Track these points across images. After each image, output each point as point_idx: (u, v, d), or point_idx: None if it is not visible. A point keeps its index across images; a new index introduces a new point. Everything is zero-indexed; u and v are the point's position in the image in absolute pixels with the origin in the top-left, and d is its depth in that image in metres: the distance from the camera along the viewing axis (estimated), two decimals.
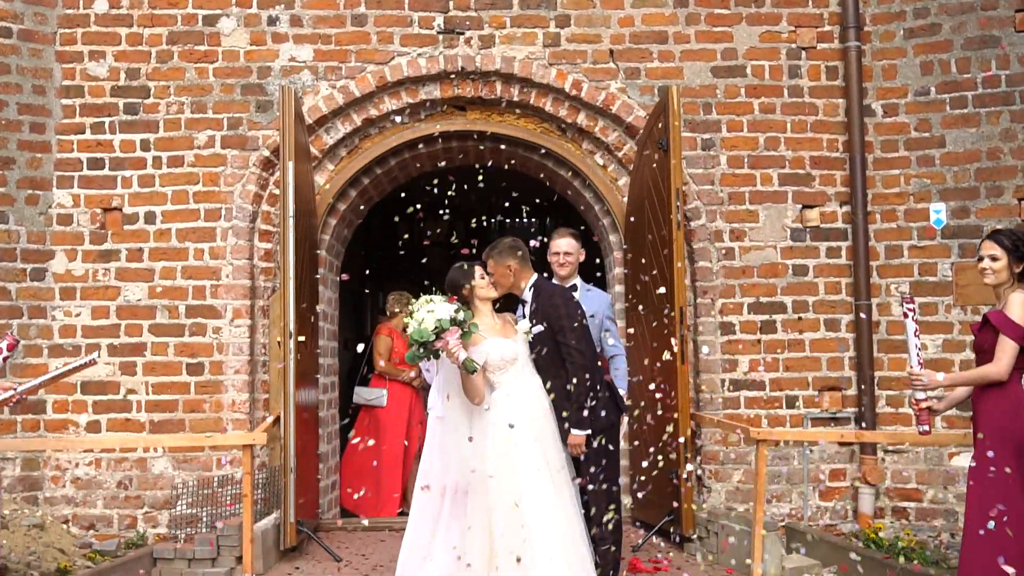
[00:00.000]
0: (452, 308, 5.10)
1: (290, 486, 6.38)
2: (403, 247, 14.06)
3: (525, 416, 5.22)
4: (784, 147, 7.56)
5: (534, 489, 5.05)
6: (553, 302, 5.52)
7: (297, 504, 6.57)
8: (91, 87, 7.44)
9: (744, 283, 7.49)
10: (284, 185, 6.52)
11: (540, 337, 5.44)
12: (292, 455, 6.39)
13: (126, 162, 7.42)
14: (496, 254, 5.61)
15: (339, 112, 7.54)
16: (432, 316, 5.04)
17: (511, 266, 5.59)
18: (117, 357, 7.32)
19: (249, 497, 5.68)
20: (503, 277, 5.56)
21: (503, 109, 7.75)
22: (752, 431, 5.84)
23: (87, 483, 7.27)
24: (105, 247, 7.38)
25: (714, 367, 7.43)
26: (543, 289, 5.63)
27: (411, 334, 5.07)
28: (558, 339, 5.39)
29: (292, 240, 6.50)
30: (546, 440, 5.24)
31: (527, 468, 5.08)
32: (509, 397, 5.28)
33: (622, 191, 7.70)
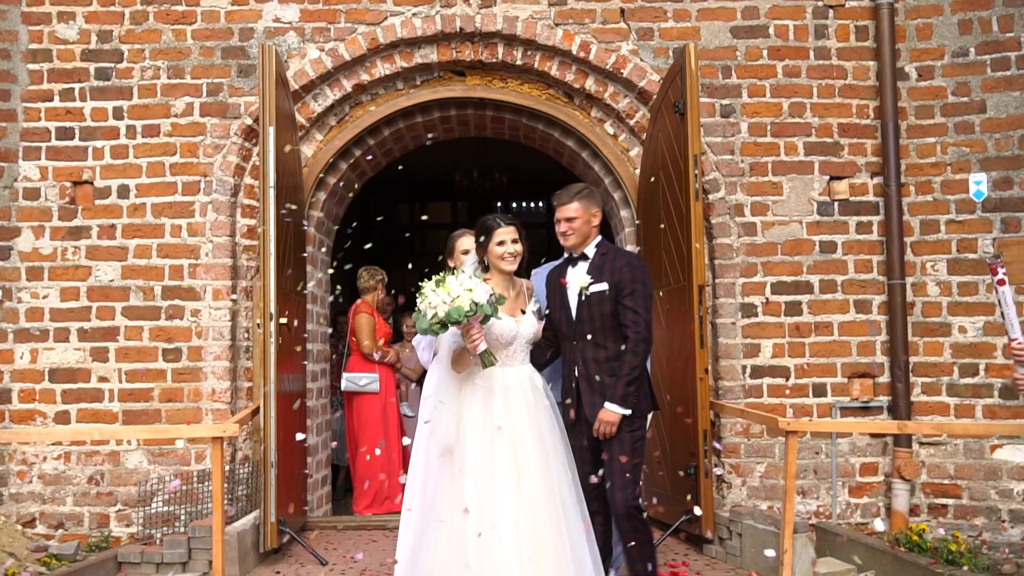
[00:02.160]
0: (488, 291, 4.60)
1: (270, 482, 5.82)
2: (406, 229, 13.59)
3: (509, 406, 4.75)
4: (810, 114, 6.96)
5: (505, 501, 4.58)
6: (630, 262, 5.03)
7: (281, 502, 6.01)
8: (60, 51, 6.88)
9: (767, 261, 6.89)
10: (264, 153, 5.94)
11: (599, 297, 4.94)
12: (273, 448, 5.83)
13: (97, 131, 6.85)
14: (580, 196, 5.10)
15: (328, 77, 6.96)
16: (469, 296, 4.51)
17: (597, 213, 5.12)
18: (88, 342, 6.76)
19: (219, 496, 5.11)
20: (584, 225, 5.08)
21: (505, 74, 7.16)
22: (781, 422, 5.23)
23: (56, 478, 6.72)
24: (75, 223, 6.82)
25: (734, 352, 6.84)
26: (611, 248, 5.14)
27: (437, 308, 4.57)
28: (624, 303, 4.91)
29: (273, 214, 5.92)
30: (528, 436, 4.73)
31: (503, 476, 4.61)
32: (491, 383, 4.80)
33: (634, 162, 7.11)
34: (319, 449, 7.37)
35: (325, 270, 7.66)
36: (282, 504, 6.05)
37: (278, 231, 5.97)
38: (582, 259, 5.16)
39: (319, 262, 7.46)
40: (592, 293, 4.99)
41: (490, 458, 4.63)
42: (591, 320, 4.98)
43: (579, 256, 5.16)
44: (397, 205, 13.08)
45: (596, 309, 4.99)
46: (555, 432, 4.79)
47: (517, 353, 4.92)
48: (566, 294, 5.12)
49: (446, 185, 11.53)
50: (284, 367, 6.26)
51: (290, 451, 6.29)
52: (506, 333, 4.87)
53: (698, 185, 6.04)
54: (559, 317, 5.12)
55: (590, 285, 5.00)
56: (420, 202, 13.60)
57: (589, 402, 4.97)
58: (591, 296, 5.00)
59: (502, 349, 4.90)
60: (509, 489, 4.56)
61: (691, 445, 6.06)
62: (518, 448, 4.66)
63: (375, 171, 7.92)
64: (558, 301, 5.15)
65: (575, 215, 5.10)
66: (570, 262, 5.21)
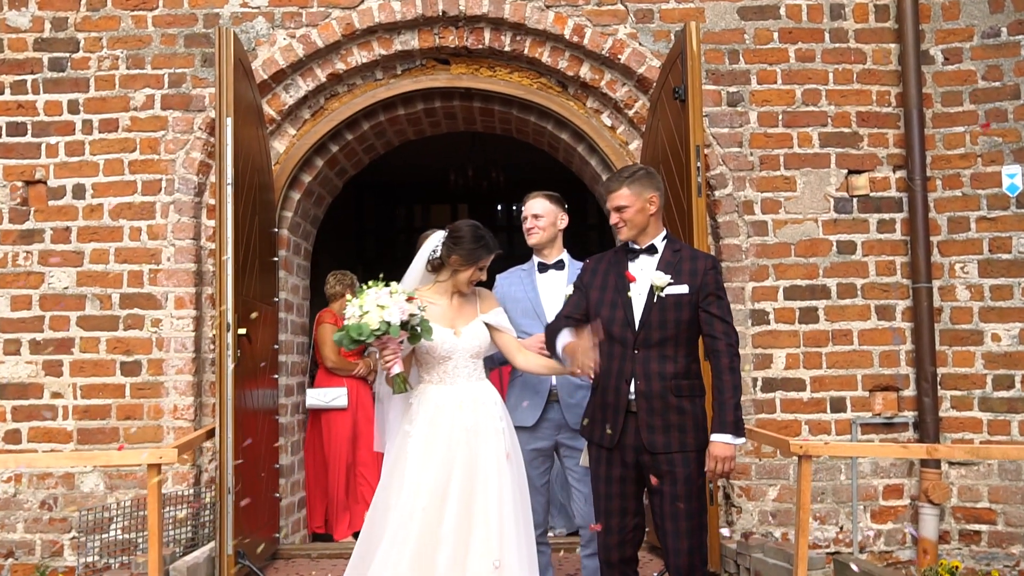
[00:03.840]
0: (408, 309, 4.09)
1: (225, 510, 5.25)
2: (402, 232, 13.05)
3: (436, 432, 4.27)
4: (826, 101, 6.36)
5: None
6: (714, 264, 4.29)
7: (244, 529, 5.47)
8: (11, 40, 6.36)
9: (779, 263, 6.29)
10: (220, 147, 5.39)
11: (677, 301, 4.18)
12: (230, 473, 5.27)
13: (51, 127, 6.33)
14: (632, 180, 4.30)
15: (299, 66, 6.41)
16: (379, 313, 4.00)
17: (653, 199, 4.31)
18: (40, 355, 6.23)
19: (156, 532, 4.54)
20: (639, 214, 4.28)
21: (493, 62, 6.60)
22: (793, 444, 4.61)
23: (5, 503, 6.19)
24: (27, 226, 6.30)
25: (744, 364, 6.23)
26: (684, 245, 4.40)
27: (348, 324, 4.11)
28: (711, 310, 4.17)
29: (231, 214, 5.37)
30: (459, 467, 4.24)
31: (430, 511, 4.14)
32: (426, 405, 4.33)
33: (634, 156, 6.53)
34: (294, 470, 6.82)
35: (303, 276, 7.12)
36: (246, 531, 5.51)
37: (237, 234, 5.43)
38: (646, 253, 4.33)
39: (295, 267, 6.92)
40: (669, 295, 4.20)
41: (417, 491, 4.17)
42: (663, 327, 4.18)
43: (642, 249, 4.34)
44: (394, 208, 12.55)
45: (672, 315, 4.18)
46: (500, 463, 4.25)
47: (458, 370, 4.39)
48: (626, 290, 4.28)
49: (443, 186, 10.97)
50: (250, 382, 5.73)
51: (254, 473, 5.75)
52: (438, 348, 4.33)
53: (701, 179, 5.45)
54: (609, 316, 4.26)
55: (668, 285, 4.21)
56: (418, 204, 13.05)
57: (648, 426, 4.14)
58: (667, 299, 4.20)
59: (437, 366, 4.38)
60: (430, 531, 4.08)
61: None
62: (450, 480, 4.17)
63: (357, 169, 7.38)
64: (609, 296, 4.31)
65: (626, 203, 4.28)
66: (626, 255, 4.39)
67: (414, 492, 4.17)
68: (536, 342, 4.61)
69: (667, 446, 4.13)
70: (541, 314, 4.80)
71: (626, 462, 4.22)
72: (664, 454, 4.13)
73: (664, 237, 4.39)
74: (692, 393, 4.21)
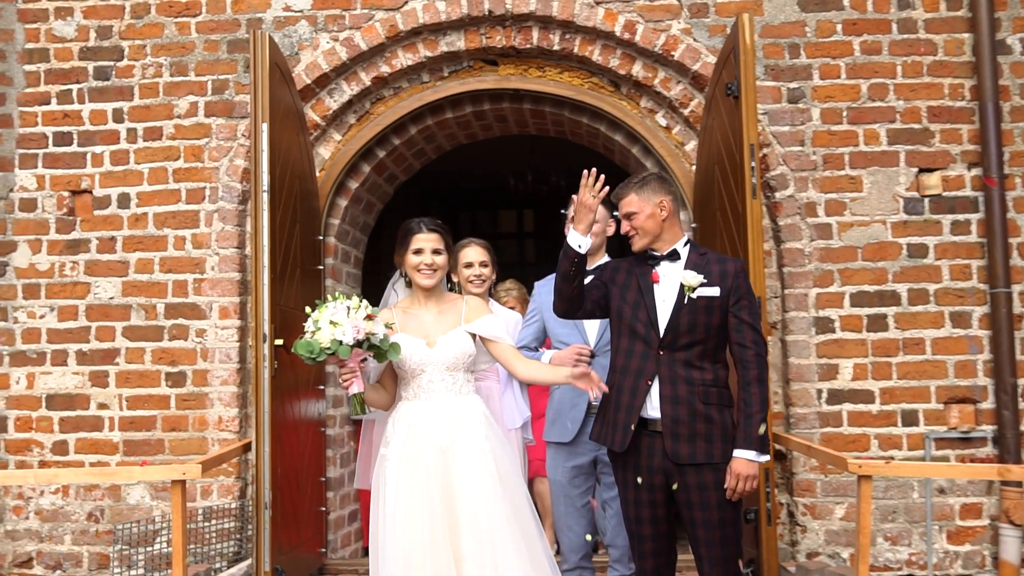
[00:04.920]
0: (365, 327, 3.86)
1: (263, 525, 5.11)
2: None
3: (419, 456, 4.00)
4: (894, 96, 5.99)
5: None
6: (743, 268, 4.09)
7: (284, 546, 5.33)
8: (57, 50, 6.34)
9: (845, 268, 5.94)
10: (255, 153, 5.26)
11: (707, 304, 3.94)
12: (267, 487, 5.13)
13: (96, 136, 6.29)
14: (637, 187, 4.13)
15: (343, 70, 6.26)
16: (330, 331, 3.84)
17: (663, 203, 4.10)
18: (87, 365, 6.19)
19: (181, 551, 4.41)
20: (649, 220, 4.07)
21: (542, 61, 6.37)
22: (850, 462, 4.28)
23: (53, 514, 6.16)
24: (73, 236, 6.26)
25: (808, 374, 5.91)
26: (709, 250, 4.18)
27: (298, 340, 3.94)
28: (741, 316, 3.96)
29: (267, 222, 5.23)
30: (433, 489, 3.96)
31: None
32: (397, 426, 4.10)
33: (690, 157, 6.24)
34: (344, 482, 6.67)
35: (353, 284, 6.97)
36: (285, 547, 5.36)
37: (274, 242, 5.29)
38: (668, 259, 4.11)
39: (344, 276, 6.77)
40: (700, 297, 3.97)
41: (396, 532, 3.93)
42: (692, 330, 3.94)
43: (663, 255, 4.12)
44: (458, 213, 12.37)
45: (702, 318, 3.95)
46: (484, 485, 3.95)
47: (434, 384, 4.12)
48: (651, 290, 4.06)
49: (506, 191, 10.78)
50: (292, 393, 5.60)
51: (296, 487, 5.61)
52: (407, 360, 4.10)
53: (756, 180, 5.15)
54: (630, 313, 4.05)
55: (699, 286, 3.98)
56: (484, 210, 12.87)
57: (673, 434, 3.90)
58: (698, 301, 3.96)
59: (412, 380, 4.14)
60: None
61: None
62: (432, 514, 3.91)
63: (408, 174, 7.22)
64: (631, 296, 4.08)
65: (635, 209, 4.10)
66: (648, 261, 4.15)
67: (394, 534, 3.92)
68: (571, 353, 4.38)
69: (692, 456, 3.88)
70: (580, 323, 4.55)
71: (654, 485, 3.97)
72: (692, 466, 3.87)
73: (687, 242, 4.13)
74: (721, 402, 3.95)
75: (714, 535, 3.85)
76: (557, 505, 4.63)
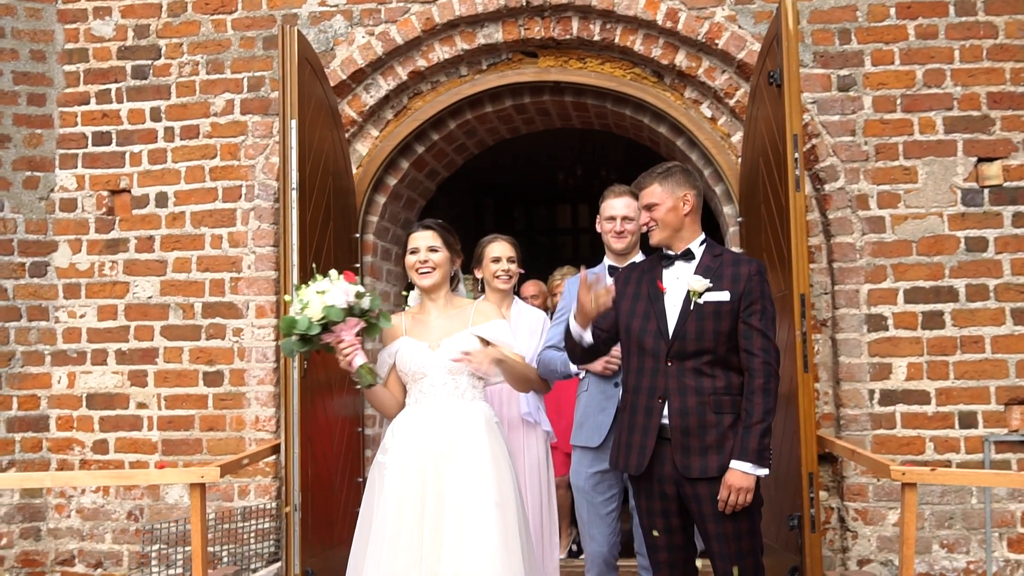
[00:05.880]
0: (352, 291, 3.73)
1: (293, 527, 5.05)
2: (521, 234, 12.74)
3: (413, 464, 3.83)
4: (951, 82, 5.71)
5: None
6: (759, 269, 3.86)
7: (316, 547, 5.26)
8: (96, 49, 6.35)
9: (899, 263, 5.68)
10: (284, 150, 5.18)
11: (716, 309, 3.76)
12: (296, 489, 5.05)
13: (135, 135, 6.29)
14: (662, 177, 3.92)
15: (379, 65, 6.17)
16: (320, 300, 3.67)
17: (687, 197, 3.91)
18: (126, 365, 6.20)
19: (200, 554, 4.35)
20: (671, 213, 3.87)
21: (583, 52, 6.19)
22: (893, 469, 4.05)
23: (94, 513, 6.18)
24: (112, 236, 6.27)
25: (859, 374, 5.66)
26: (725, 249, 3.98)
27: (283, 320, 3.79)
28: (751, 322, 3.76)
29: (296, 220, 5.14)
30: (427, 494, 3.79)
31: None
32: (396, 432, 3.93)
33: (736, 149, 6.03)
34: None
35: (394, 282, 6.88)
36: (317, 549, 5.29)
37: (303, 240, 5.21)
38: (682, 259, 3.92)
39: (384, 273, 6.68)
40: (707, 302, 3.79)
41: (382, 518, 3.82)
42: (700, 338, 3.76)
43: (677, 255, 3.94)
44: (512, 210, 12.25)
45: (711, 324, 3.77)
46: (479, 500, 3.75)
47: (436, 388, 3.95)
48: (660, 298, 3.88)
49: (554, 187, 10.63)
50: (325, 393, 5.52)
51: (330, 487, 5.54)
52: (408, 363, 3.95)
53: (799, 172, 4.92)
54: (639, 327, 3.88)
55: (706, 291, 3.80)
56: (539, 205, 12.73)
57: (681, 447, 3.73)
58: (705, 306, 3.78)
59: (414, 385, 3.98)
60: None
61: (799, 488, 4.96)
62: (422, 530, 3.75)
63: (450, 170, 7.10)
64: (641, 307, 3.91)
65: (657, 200, 3.89)
66: (662, 261, 3.97)
67: (380, 542, 3.78)
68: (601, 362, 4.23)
69: (703, 471, 3.69)
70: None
71: (666, 494, 3.80)
72: (706, 484, 3.68)
73: (702, 241, 3.93)
74: (734, 410, 3.75)
75: (729, 548, 3.67)
76: (580, 512, 4.48)
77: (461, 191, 11.57)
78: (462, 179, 10.27)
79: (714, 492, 3.68)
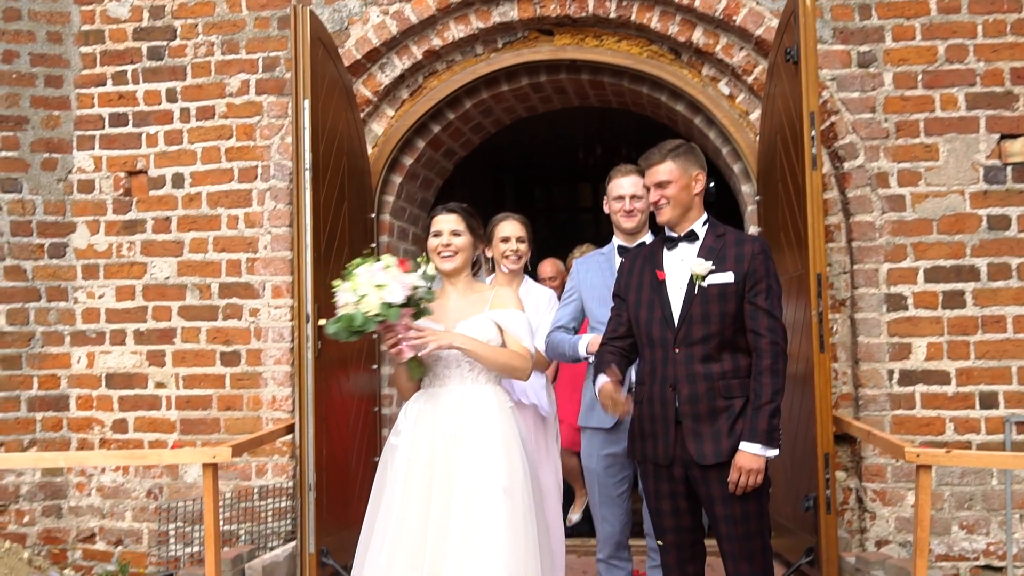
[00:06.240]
0: (410, 283, 3.63)
1: (307, 507, 5.07)
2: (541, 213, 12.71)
3: (423, 447, 3.79)
4: (974, 57, 5.61)
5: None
6: (762, 248, 3.80)
7: (330, 527, 5.28)
8: (112, 31, 6.36)
9: (919, 242, 5.60)
10: (296, 130, 5.18)
11: (721, 291, 3.72)
12: (310, 469, 5.08)
13: (151, 116, 6.30)
14: (675, 154, 3.85)
15: (394, 44, 6.13)
16: (379, 295, 3.56)
17: (699, 176, 3.88)
18: (144, 345, 6.23)
19: (212, 533, 4.37)
20: (683, 192, 3.82)
21: (599, 30, 6.13)
22: (908, 451, 4.00)
23: (114, 491, 6.24)
24: (129, 217, 6.30)
25: (878, 354, 5.59)
26: (728, 228, 3.91)
27: (344, 314, 3.63)
28: (756, 302, 3.71)
29: (309, 200, 5.15)
30: (439, 500, 3.71)
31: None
32: (408, 414, 3.88)
33: (755, 127, 5.96)
34: None
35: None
36: (332, 528, 5.31)
37: (317, 220, 5.21)
38: (686, 240, 3.88)
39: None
40: (711, 285, 3.74)
41: (389, 499, 3.80)
42: (705, 322, 3.73)
43: (680, 236, 3.88)
44: (533, 189, 12.21)
45: (716, 307, 3.73)
46: (485, 485, 3.69)
47: (450, 371, 3.89)
48: (661, 286, 3.85)
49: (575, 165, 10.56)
50: (340, 372, 5.54)
51: (345, 467, 5.55)
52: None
53: (815, 150, 4.86)
54: (646, 316, 3.85)
55: (709, 274, 3.76)
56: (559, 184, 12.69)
57: (694, 433, 3.70)
58: (709, 289, 3.74)
59: (432, 367, 3.92)
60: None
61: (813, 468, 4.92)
62: (428, 519, 3.71)
63: (466, 150, 7.06)
64: (646, 295, 3.88)
65: (669, 178, 3.82)
66: (664, 244, 3.94)
67: (386, 526, 3.77)
68: None
69: (717, 455, 3.65)
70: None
71: (674, 476, 3.76)
72: (715, 467, 3.65)
73: (705, 221, 3.88)
74: (744, 393, 3.71)
75: (737, 530, 3.64)
76: (592, 494, 4.46)
77: (481, 170, 11.54)
78: (482, 158, 10.23)
79: (723, 475, 3.65)
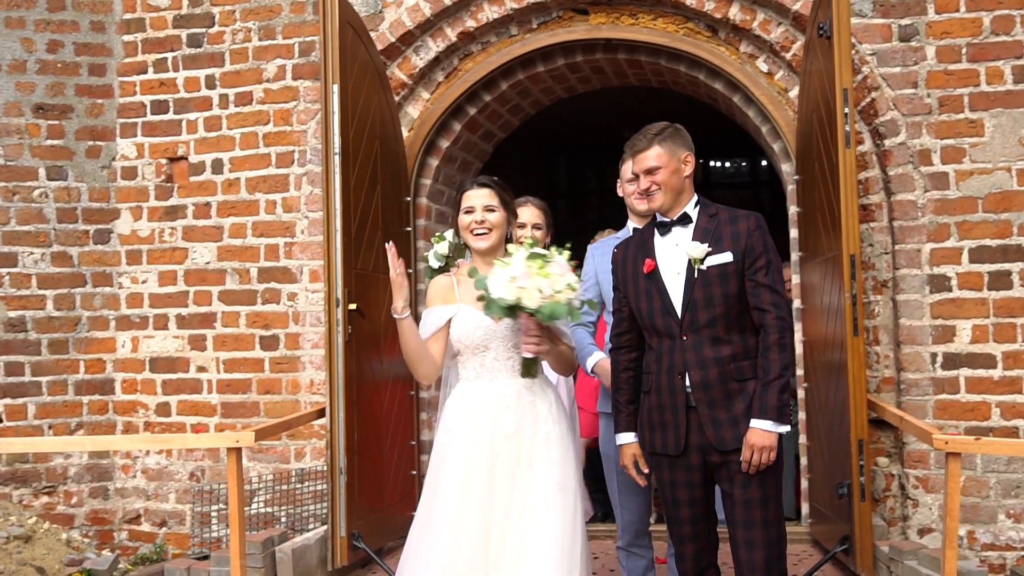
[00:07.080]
0: (574, 282, 3.55)
1: (338, 490, 5.11)
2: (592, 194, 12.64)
3: (481, 446, 3.58)
4: (1021, 29, 5.40)
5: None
6: (758, 224, 3.70)
7: (362, 510, 5.31)
8: (152, 19, 6.45)
9: (964, 220, 5.43)
10: (326, 115, 5.20)
11: (721, 272, 3.65)
12: (341, 454, 5.11)
13: (191, 103, 6.38)
14: (662, 139, 3.74)
15: (428, 26, 6.12)
16: (568, 293, 3.48)
17: (688, 158, 3.77)
18: (186, 329, 6.34)
19: (237, 517, 4.43)
20: (673, 176, 3.71)
21: (635, 8, 6.04)
22: (936, 438, 3.86)
23: (158, 474, 6.36)
24: (171, 203, 6.40)
25: (921, 336, 5.45)
26: (720, 207, 3.81)
27: (542, 306, 3.47)
28: (758, 279, 3.63)
29: (339, 185, 5.17)
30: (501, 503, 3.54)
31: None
32: (460, 410, 3.67)
33: (794, 105, 5.82)
34: None
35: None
36: (363, 512, 5.34)
37: (347, 205, 5.22)
38: (679, 224, 3.76)
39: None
40: (711, 267, 3.64)
41: (461, 504, 3.54)
42: (709, 305, 3.64)
43: (673, 221, 3.77)
44: (584, 170, 12.11)
45: (718, 289, 3.63)
46: (545, 483, 3.56)
47: (499, 363, 3.68)
48: (657, 275, 3.74)
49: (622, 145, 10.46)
50: (374, 354, 5.55)
51: (379, 450, 5.58)
52: (471, 334, 3.65)
53: (848, 127, 4.73)
54: (647, 307, 3.75)
55: (707, 256, 3.67)
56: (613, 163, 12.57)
57: (711, 420, 3.61)
58: (708, 271, 3.64)
59: (472, 358, 3.70)
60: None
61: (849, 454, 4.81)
62: (491, 522, 3.52)
63: (505, 132, 7.02)
64: (643, 285, 3.77)
65: (658, 163, 3.70)
66: (656, 229, 3.82)
67: (443, 527, 3.53)
68: None
69: (737, 440, 3.57)
70: None
71: (691, 465, 3.68)
72: (735, 451, 3.58)
73: (696, 203, 3.79)
74: (756, 373, 3.62)
75: (755, 516, 3.56)
76: (611, 481, 4.40)
77: (534, 151, 11.48)
78: (534, 139, 10.17)
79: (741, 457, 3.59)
